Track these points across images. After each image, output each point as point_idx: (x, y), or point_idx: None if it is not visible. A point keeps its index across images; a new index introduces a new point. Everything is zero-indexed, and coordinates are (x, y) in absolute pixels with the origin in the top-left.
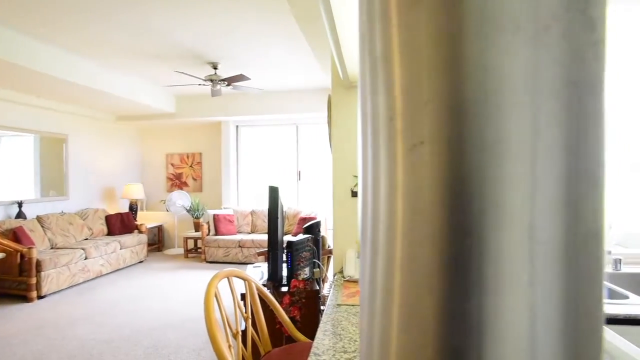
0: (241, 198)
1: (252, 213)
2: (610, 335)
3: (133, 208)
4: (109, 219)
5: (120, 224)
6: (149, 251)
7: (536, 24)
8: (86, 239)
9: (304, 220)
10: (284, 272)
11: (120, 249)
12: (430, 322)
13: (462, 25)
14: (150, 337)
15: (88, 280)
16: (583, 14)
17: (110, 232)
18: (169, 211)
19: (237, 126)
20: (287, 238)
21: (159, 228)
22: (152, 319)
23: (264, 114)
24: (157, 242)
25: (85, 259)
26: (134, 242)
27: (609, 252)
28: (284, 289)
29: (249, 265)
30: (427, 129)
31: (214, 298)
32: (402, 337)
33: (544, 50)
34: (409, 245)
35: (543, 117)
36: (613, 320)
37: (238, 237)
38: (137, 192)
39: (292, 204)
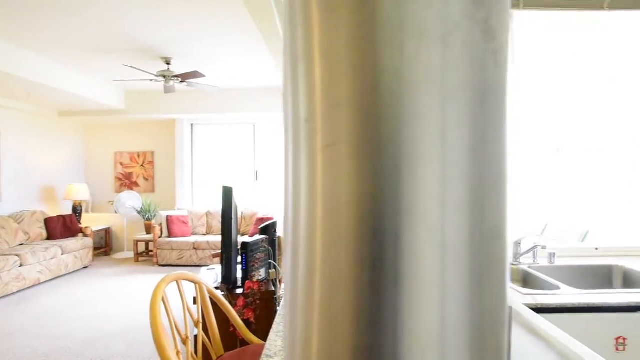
0: (196, 198)
1: (208, 214)
2: (543, 323)
3: (77, 210)
4: (49, 222)
5: (62, 227)
6: (95, 256)
7: (440, 31)
8: (22, 244)
9: (261, 220)
10: (239, 274)
11: (62, 254)
12: (349, 320)
13: (374, 30)
14: (94, 348)
15: (24, 290)
16: (484, 23)
17: (50, 237)
18: (118, 213)
19: (191, 124)
20: (243, 239)
21: (107, 231)
22: (96, 328)
23: (219, 113)
24: (105, 245)
25: (20, 266)
26: (78, 246)
27: (544, 247)
28: (239, 290)
29: (203, 268)
30: (339, 130)
31: (161, 303)
32: (323, 335)
33: (448, 56)
34: (328, 245)
35: (449, 119)
36: (546, 309)
37: (192, 238)
38: (81, 192)
39: (249, 205)
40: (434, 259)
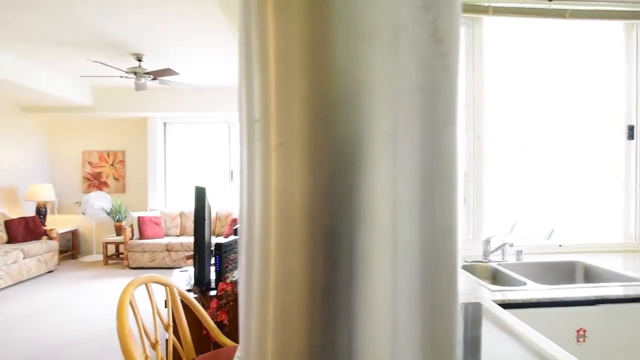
0: (169, 199)
1: (182, 214)
2: (510, 318)
3: (41, 211)
4: (9, 224)
5: (25, 229)
6: (61, 259)
7: (389, 33)
8: None
9: (236, 221)
10: (212, 276)
11: (24, 258)
12: (303, 320)
13: (326, 30)
14: (56, 356)
15: None
16: (431, 26)
17: (11, 240)
18: (86, 214)
19: (164, 123)
20: (218, 240)
21: (74, 233)
22: (61, 335)
23: (194, 111)
24: (72, 248)
25: None
26: (42, 249)
27: (512, 245)
28: (213, 292)
29: (175, 270)
30: (291, 130)
31: (129, 307)
32: (277, 336)
33: (397, 58)
34: (282, 245)
35: (399, 120)
36: (514, 305)
37: (165, 240)
38: (45, 193)
39: (224, 205)
40: (386, 258)
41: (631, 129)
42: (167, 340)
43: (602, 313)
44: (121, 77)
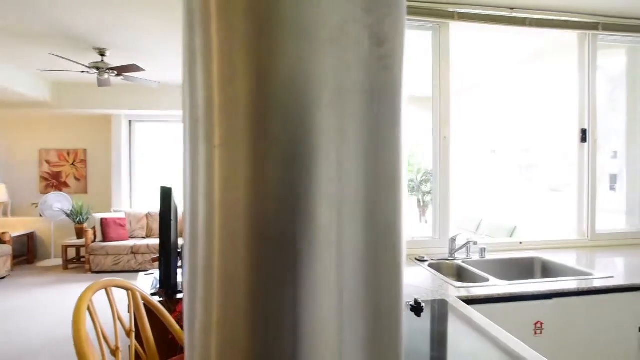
0: (135, 200)
1: (148, 215)
2: (473, 313)
3: None
4: None
5: None
6: (15, 264)
7: (329, 33)
8: None
9: None
10: (179, 278)
11: None
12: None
13: (268, 30)
14: None
15: None
16: (372, 28)
17: None
18: (44, 216)
19: (130, 121)
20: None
21: (30, 236)
22: (15, 345)
23: (161, 109)
24: (27, 253)
25: None
26: None
27: (475, 243)
28: (180, 296)
29: (141, 273)
30: (232, 129)
31: (86, 313)
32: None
33: (336, 58)
34: (226, 247)
35: (342, 120)
36: (478, 300)
37: (131, 242)
38: None
39: None
40: (330, 257)
41: (584, 132)
42: (129, 346)
43: (557, 306)
44: (83, 72)
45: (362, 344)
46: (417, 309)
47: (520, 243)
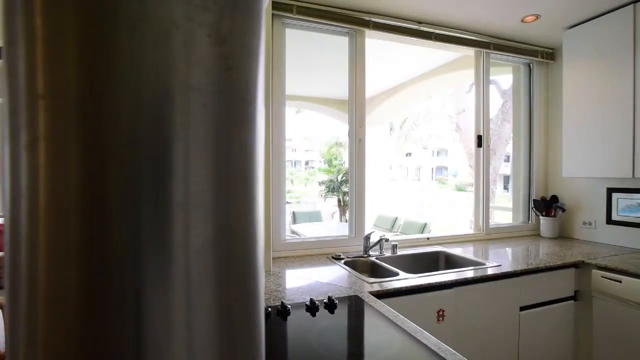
0: None
1: None
2: (383, 307)
3: None
4: None
5: None
6: None
7: (156, 28)
8: None
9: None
10: None
11: None
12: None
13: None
14: None
15: None
16: (210, 27)
17: None
18: None
19: None
20: None
21: None
22: None
23: None
24: None
25: None
26: None
27: (387, 240)
28: None
29: None
30: (43, 125)
31: None
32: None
33: (166, 55)
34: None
35: (188, 119)
36: (390, 294)
37: None
38: None
39: None
40: (178, 263)
41: (479, 138)
42: None
43: (456, 294)
44: None
45: (215, 345)
46: (330, 306)
47: (428, 239)
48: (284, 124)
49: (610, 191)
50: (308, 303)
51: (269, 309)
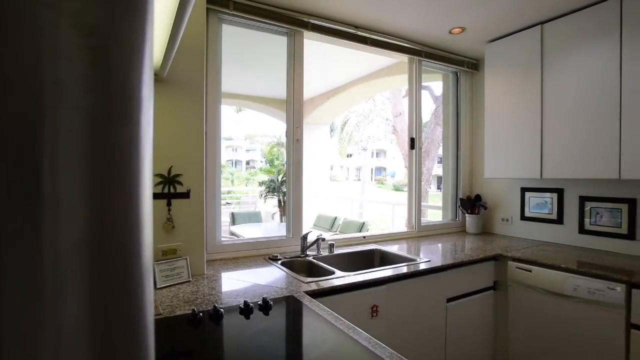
0: None
1: None
2: (317, 306)
3: None
4: None
5: None
6: None
7: (17, 18)
8: None
9: None
10: None
11: None
12: None
13: None
14: None
15: None
16: (74, 16)
17: None
18: None
19: None
20: None
21: None
22: None
23: None
24: None
25: None
26: None
27: (324, 239)
28: None
29: None
30: None
31: None
32: None
33: (27, 46)
34: None
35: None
36: (326, 292)
37: None
38: None
39: None
40: (46, 265)
41: (412, 140)
42: None
43: (389, 290)
44: None
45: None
46: (265, 307)
47: (364, 237)
48: (220, 121)
49: (523, 190)
50: (242, 306)
51: (201, 314)
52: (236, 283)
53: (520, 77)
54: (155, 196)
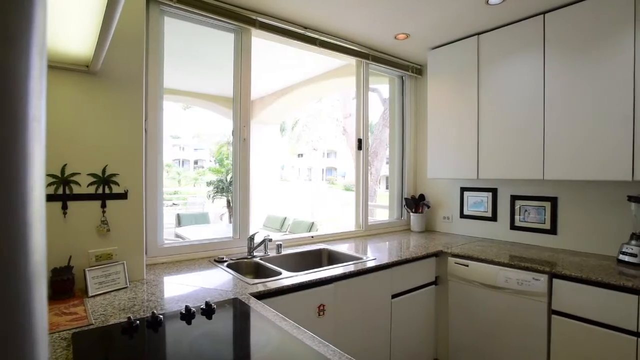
0: None
1: None
2: (262, 307)
3: None
4: None
5: None
6: None
7: None
8: None
9: None
10: None
11: None
12: None
13: None
14: None
15: None
16: None
17: None
18: None
19: None
20: None
21: None
22: None
23: None
24: None
25: None
26: None
27: (271, 240)
28: None
29: None
30: None
31: None
32: None
33: None
34: None
35: None
36: (272, 293)
37: None
38: None
39: None
40: None
41: (360, 141)
42: None
43: (336, 289)
44: None
45: None
46: (208, 311)
47: (312, 237)
48: (162, 118)
49: (462, 190)
50: (183, 311)
51: (137, 321)
52: (178, 287)
53: (459, 83)
54: (88, 197)
